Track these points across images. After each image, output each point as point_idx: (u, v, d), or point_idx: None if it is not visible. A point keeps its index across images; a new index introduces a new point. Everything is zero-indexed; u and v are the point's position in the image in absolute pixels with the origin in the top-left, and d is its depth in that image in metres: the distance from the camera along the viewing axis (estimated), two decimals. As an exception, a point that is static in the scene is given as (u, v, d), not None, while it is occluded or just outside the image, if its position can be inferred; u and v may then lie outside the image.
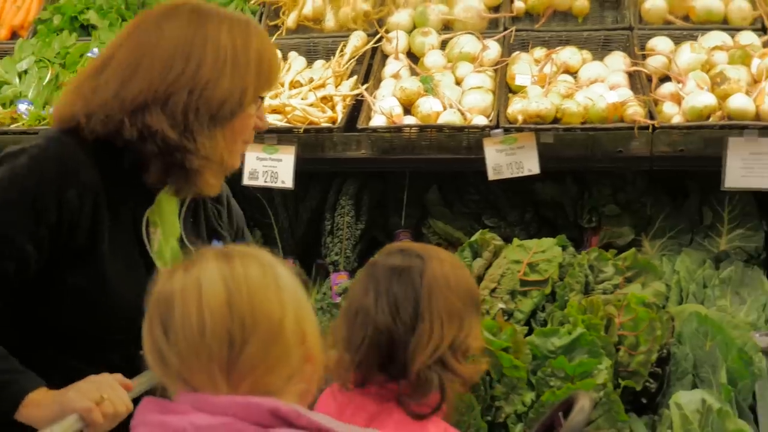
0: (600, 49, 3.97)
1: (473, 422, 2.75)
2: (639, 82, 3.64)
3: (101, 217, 2.04)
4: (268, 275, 1.44)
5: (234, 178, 2.44)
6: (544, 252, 3.25)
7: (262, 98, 2.18)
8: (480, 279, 3.19)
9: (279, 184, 3.57)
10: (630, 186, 3.77)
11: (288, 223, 3.90)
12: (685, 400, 2.81)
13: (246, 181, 3.59)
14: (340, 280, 3.70)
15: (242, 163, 3.00)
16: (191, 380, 1.41)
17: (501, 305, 3.12)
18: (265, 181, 3.56)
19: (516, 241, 3.32)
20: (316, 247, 3.90)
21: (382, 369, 2.01)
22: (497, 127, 3.43)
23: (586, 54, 3.87)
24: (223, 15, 2.12)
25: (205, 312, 1.39)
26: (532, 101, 3.44)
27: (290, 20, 4.29)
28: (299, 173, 3.56)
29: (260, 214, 3.95)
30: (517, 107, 3.46)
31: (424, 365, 1.96)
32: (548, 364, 2.82)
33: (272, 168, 3.55)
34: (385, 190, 4.00)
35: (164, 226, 2.19)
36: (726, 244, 3.64)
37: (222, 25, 2.09)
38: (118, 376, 1.94)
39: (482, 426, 2.76)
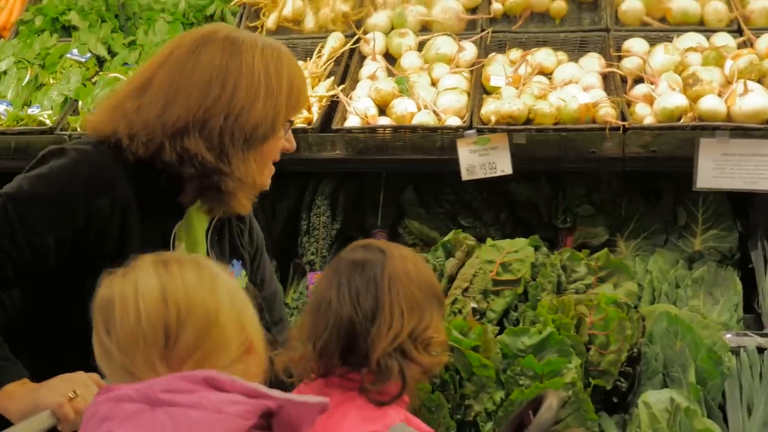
0: (576, 51, 3.97)
1: (443, 421, 2.76)
2: (613, 84, 3.64)
3: (130, 229, 2.12)
4: (203, 274, 1.50)
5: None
6: (517, 252, 3.26)
7: (291, 122, 2.26)
8: (452, 279, 3.20)
9: (255, 184, 3.57)
10: (604, 186, 3.76)
11: (265, 223, 3.91)
12: (654, 399, 2.82)
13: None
14: (316, 279, 3.70)
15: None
16: (132, 368, 1.46)
17: (473, 305, 3.12)
18: (242, 182, 3.56)
19: (489, 241, 3.32)
20: (294, 247, 3.90)
21: (343, 360, 2.05)
22: (470, 127, 3.44)
23: (562, 55, 3.87)
24: (255, 42, 2.19)
25: (140, 304, 1.46)
26: (505, 102, 3.44)
27: (270, 21, 4.31)
28: (275, 173, 3.55)
29: (238, 215, 3.95)
30: (490, 108, 3.46)
31: (384, 353, 2.00)
32: (518, 363, 2.82)
33: (248, 168, 3.55)
34: (362, 191, 4.00)
35: (189, 240, 2.26)
36: (700, 244, 3.64)
37: (255, 52, 2.16)
38: (94, 375, 1.98)
39: (451, 425, 2.77)
